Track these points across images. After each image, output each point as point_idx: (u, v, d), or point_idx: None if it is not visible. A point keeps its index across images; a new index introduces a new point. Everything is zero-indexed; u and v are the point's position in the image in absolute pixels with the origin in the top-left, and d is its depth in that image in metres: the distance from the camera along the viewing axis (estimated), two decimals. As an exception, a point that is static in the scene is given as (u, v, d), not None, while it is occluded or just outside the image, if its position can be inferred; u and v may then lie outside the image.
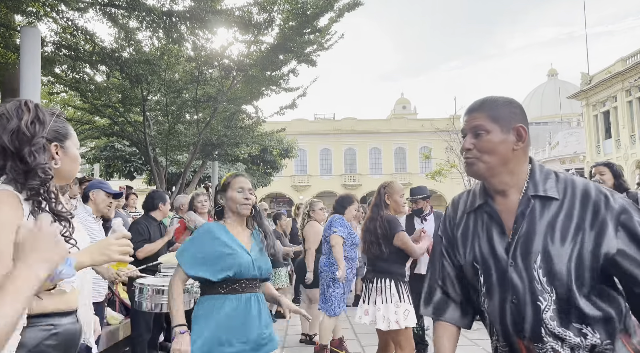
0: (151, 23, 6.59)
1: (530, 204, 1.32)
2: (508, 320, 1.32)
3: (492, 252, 1.36)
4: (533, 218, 1.31)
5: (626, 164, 24.60)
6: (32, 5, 6.27)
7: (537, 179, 1.34)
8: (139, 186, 14.77)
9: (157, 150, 10.50)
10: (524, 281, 1.29)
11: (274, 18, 7.64)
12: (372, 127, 44.16)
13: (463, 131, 1.41)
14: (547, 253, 1.27)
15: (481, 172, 1.36)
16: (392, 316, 3.48)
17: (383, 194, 3.73)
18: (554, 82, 55.36)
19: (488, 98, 1.40)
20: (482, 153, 1.34)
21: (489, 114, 1.35)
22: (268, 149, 15.00)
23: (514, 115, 1.36)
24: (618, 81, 24.95)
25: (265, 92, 9.50)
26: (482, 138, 1.34)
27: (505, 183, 1.36)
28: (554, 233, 1.28)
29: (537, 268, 1.28)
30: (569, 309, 1.26)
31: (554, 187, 1.32)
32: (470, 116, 1.38)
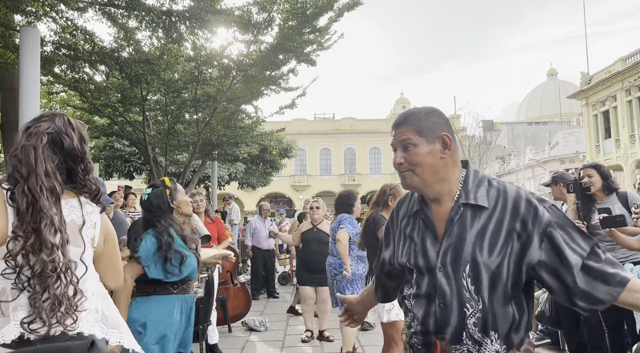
0: (151, 23, 6.58)
1: (460, 211, 1.37)
2: (431, 321, 1.37)
3: (424, 256, 1.41)
4: (464, 226, 1.36)
5: (626, 164, 24.60)
6: (31, 5, 6.26)
7: (469, 187, 1.39)
8: (139, 186, 14.77)
9: (157, 150, 10.50)
10: (452, 287, 1.34)
11: (274, 18, 7.64)
12: (371, 127, 44.17)
13: (392, 146, 1.46)
14: (476, 263, 1.32)
15: (415, 184, 1.42)
16: (380, 309, 3.54)
17: (388, 195, 3.79)
18: (553, 82, 55.34)
19: (411, 111, 1.45)
20: (413, 165, 1.39)
21: (414, 127, 1.40)
22: (268, 149, 14.99)
23: (437, 125, 1.41)
24: (618, 81, 24.95)
25: (265, 92, 9.49)
26: (410, 151, 1.39)
27: (437, 191, 1.41)
28: (483, 242, 1.32)
29: (467, 276, 1.33)
30: (490, 317, 1.31)
31: (484, 195, 1.37)
32: (397, 131, 1.43)
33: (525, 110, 57.26)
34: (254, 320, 6.00)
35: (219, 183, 14.12)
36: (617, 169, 24.65)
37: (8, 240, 1.40)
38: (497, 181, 1.41)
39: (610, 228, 3.18)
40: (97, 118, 11.31)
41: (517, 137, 43.87)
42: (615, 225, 3.17)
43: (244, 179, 16.21)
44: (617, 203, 3.62)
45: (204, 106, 9.43)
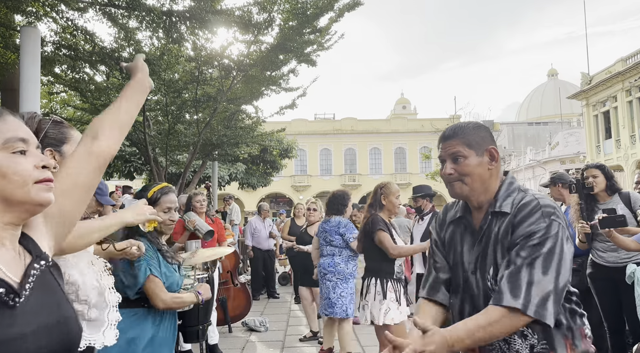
0: (151, 23, 6.58)
1: (488, 219, 1.50)
2: (465, 318, 1.47)
3: (461, 259, 1.55)
4: (490, 232, 1.49)
5: (626, 164, 24.58)
6: (32, 5, 6.26)
7: (499, 196, 1.50)
8: (139, 186, 14.76)
9: (157, 150, 10.49)
10: (479, 288, 1.48)
11: (274, 18, 7.63)
12: (372, 127, 44.16)
13: (441, 158, 1.56)
14: (497, 265, 1.44)
15: (465, 193, 1.52)
16: (376, 311, 3.53)
17: (379, 194, 3.78)
18: (554, 82, 55.32)
19: (459, 125, 1.56)
20: (463, 175, 1.50)
21: (463, 140, 1.51)
22: (268, 149, 14.98)
23: (485, 139, 1.53)
24: (618, 81, 24.94)
25: (265, 92, 9.49)
26: (461, 162, 1.50)
27: (481, 200, 1.53)
28: (503, 246, 1.44)
29: (490, 278, 1.45)
30: None
31: (509, 204, 1.48)
32: (446, 144, 1.54)
33: (525, 110, 57.24)
34: (254, 320, 6.00)
35: (220, 183, 14.12)
36: (618, 169, 24.63)
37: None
38: (525, 191, 1.50)
39: (609, 228, 3.17)
40: (97, 118, 11.31)
41: (518, 137, 43.86)
42: (615, 225, 3.16)
43: (244, 180, 16.21)
44: (620, 204, 3.62)
45: (204, 106, 9.43)
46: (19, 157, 0.94)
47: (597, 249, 3.65)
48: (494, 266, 1.44)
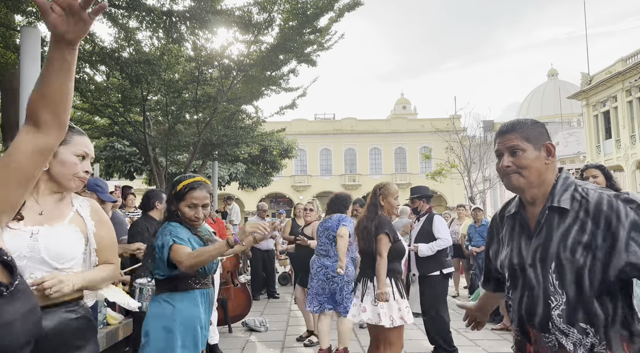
0: (151, 23, 6.59)
1: (545, 214, 1.52)
2: (523, 311, 1.54)
3: (518, 253, 1.58)
4: (551, 227, 1.51)
5: (626, 165, 24.58)
6: (32, 5, 6.26)
7: (556, 192, 1.53)
8: (139, 187, 14.77)
9: (157, 150, 10.49)
10: (539, 281, 1.50)
11: (274, 18, 7.63)
12: (372, 127, 44.15)
13: (498, 152, 1.60)
14: (560, 261, 1.46)
15: (521, 185, 1.56)
16: (396, 313, 3.52)
17: (378, 195, 3.76)
18: (554, 83, 55.33)
19: (517, 121, 1.61)
20: (521, 168, 1.54)
21: (522, 134, 1.56)
22: (268, 149, 14.97)
23: (542, 134, 1.58)
24: (618, 81, 24.93)
25: (265, 92, 9.49)
26: (519, 155, 1.54)
27: (535, 194, 1.56)
28: (567, 242, 1.45)
29: (552, 272, 1.47)
30: (576, 310, 1.43)
31: (568, 199, 1.50)
32: (504, 137, 1.59)
33: (525, 110, 57.22)
34: (254, 320, 6.00)
35: (220, 183, 14.12)
36: (618, 169, 24.63)
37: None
38: (583, 186, 1.53)
39: None
40: (97, 118, 11.31)
41: (518, 137, 43.74)
42: None
43: (244, 180, 16.21)
44: None
45: (204, 106, 9.43)
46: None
47: None
48: (556, 260, 1.46)
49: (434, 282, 4.66)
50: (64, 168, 1.64)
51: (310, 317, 5.42)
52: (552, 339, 1.46)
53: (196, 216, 2.30)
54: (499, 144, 1.60)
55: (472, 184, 25.33)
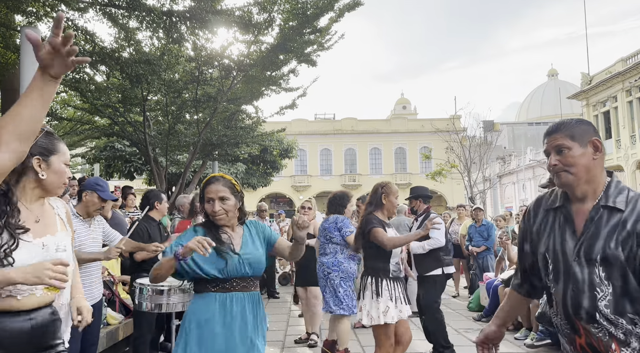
0: (151, 23, 6.59)
1: (600, 212, 1.57)
2: (569, 304, 1.58)
3: (562, 247, 1.62)
4: (599, 224, 1.56)
5: (626, 165, 24.59)
6: (32, 6, 6.27)
7: (610, 193, 1.59)
8: (139, 187, 14.76)
9: (157, 150, 10.50)
10: (584, 274, 1.55)
11: (274, 18, 7.63)
12: (372, 127, 44.16)
13: (546, 152, 1.66)
14: (606, 255, 1.51)
15: (570, 182, 1.60)
16: (374, 312, 3.52)
17: (380, 193, 3.77)
18: (554, 83, 55.33)
19: (562, 121, 1.67)
20: (568, 166, 1.59)
21: (567, 133, 1.61)
22: (268, 149, 14.98)
23: (587, 131, 1.63)
24: (618, 81, 24.95)
25: (265, 92, 9.49)
26: (565, 154, 1.60)
27: (584, 190, 1.61)
28: (612, 238, 1.52)
29: (598, 265, 1.52)
30: (623, 300, 1.49)
31: (623, 201, 1.56)
32: (550, 138, 1.65)
33: (525, 110, 57.25)
34: (254, 320, 5.98)
35: (220, 183, 14.09)
36: (618, 169, 24.64)
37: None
38: (635, 191, 1.60)
39: None
40: (97, 118, 11.32)
41: (518, 137, 43.88)
42: None
43: (244, 180, 16.21)
44: None
45: (204, 107, 9.43)
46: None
47: None
48: (602, 254, 1.51)
49: (435, 282, 4.67)
50: (57, 177, 1.72)
51: (309, 318, 5.42)
52: (602, 330, 1.51)
53: (213, 211, 2.28)
54: (546, 144, 1.66)
55: (472, 184, 25.34)
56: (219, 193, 2.30)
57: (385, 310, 3.53)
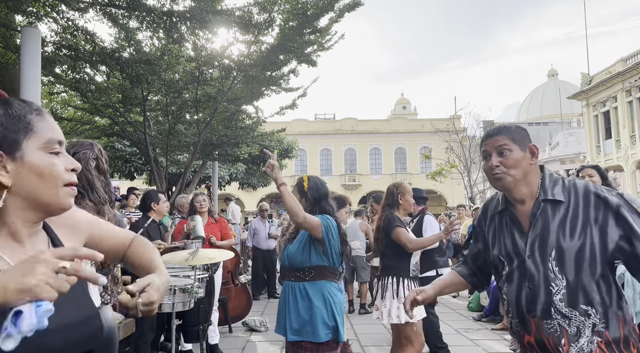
0: (151, 23, 6.58)
1: (541, 206, 1.60)
2: (523, 302, 1.60)
3: (514, 247, 1.65)
4: (546, 219, 1.59)
5: (626, 165, 24.58)
6: (32, 6, 6.26)
7: (546, 187, 1.62)
8: (139, 187, 14.75)
9: (157, 150, 10.49)
10: (539, 270, 1.57)
11: (274, 18, 7.63)
12: (372, 127, 44.15)
13: (486, 152, 1.68)
14: (560, 248, 1.54)
15: (508, 184, 1.63)
16: (394, 311, 3.59)
17: (396, 194, 3.85)
18: (554, 83, 55.32)
19: (503, 125, 1.72)
20: (509, 168, 1.62)
21: (509, 136, 1.64)
22: (268, 149, 14.96)
23: (526, 137, 1.67)
24: (618, 81, 24.94)
25: (265, 93, 9.49)
26: (506, 155, 1.62)
27: (523, 193, 1.64)
28: (565, 230, 1.55)
29: (552, 259, 1.55)
30: (576, 293, 1.51)
31: (560, 192, 1.60)
32: (491, 139, 1.67)
33: (525, 110, 57.24)
34: (254, 320, 6.00)
35: (220, 184, 14.12)
36: (618, 169, 24.64)
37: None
38: (568, 179, 1.65)
39: None
40: (97, 118, 11.32)
41: (518, 137, 43.74)
42: None
43: (244, 180, 16.21)
44: None
45: (204, 107, 9.43)
46: (54, 158, 0.94)
47: None
48: (556, 248, 1.54)
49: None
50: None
51: None
52: (554, 324, 1.53)
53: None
54: (486, 145, 1.67)
55: (472, 184, 25.35)
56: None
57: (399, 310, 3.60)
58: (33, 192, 0.91)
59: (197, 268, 3.54)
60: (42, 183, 0.92)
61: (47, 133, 0.94)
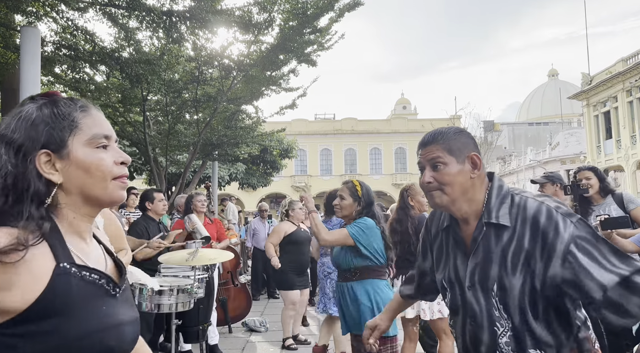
0: (151, 23, 6.57)
1: (483, 230, 1.35)
2: (467, 339, 1.40)
3: (456, 274, 1.42)
4: (488, 245, 1.34)
5: (627, 165, 24.57)
6: (32, 5, 6.25)
7: (491, 206, 1.36)
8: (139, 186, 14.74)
9: (157, 150, 10.48)
10: (481, 306, 1.35)
11: (274, 18, 7.61)
12: (372, 127, 44.16)
13: (420, 164, 1.44)
14: (502, 283, 1.30)
15: (444, 203, 1.39)
16: (435, 306, 3.69)
17: (406, 196, 3.89)
18: (554, 83, 55.32)
19: (439, 130, 1.43)
20: (443, 184, 1.37)
21: (444, 146, 1.38)
22: (268, 149, 14.96)
23: (466, 145, 1.40)
24: (619, 81, 24.94)
25: (265, 92, 9.48)
26: (440, 170, 1.37)
27: (464, 211, 1.39)
28: (507, 262, 1.30)
29: (495, 295, 1.32)
30: (524, 335, 1.29)
31: (506, 214, 1.33)
32: (425, 149, 1.41)
33: (526, 110, 57.25)
34: (254, 320, 5.99)
35: (220, 184, 14.11)
36: (618, 169, 24.64)
37: None
38: (520, 195, 1.37)
39: (612, 229, 3.15)
40: (97, 118, 11.30)
41: (518, 137, 43.90)
42: (618, 226, 3.14)
43: (244, 180, 16.20)
44: (613, 205, 3.62)
45: (204, 106, 9.42)
46: (101, 152, 0.96)
47: None
48: (498, 283, 1.30)
49: None
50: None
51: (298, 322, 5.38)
52: None
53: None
54: (420, 156, 1.43)
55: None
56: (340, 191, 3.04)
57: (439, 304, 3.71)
58: (83, 188, 0.94)
59: (196, 268, 3.53)
60: (89, 178, 0.94)
61: (91, 128, 0.96)
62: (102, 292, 0.92)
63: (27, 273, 0.82)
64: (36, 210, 0.87)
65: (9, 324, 0.81)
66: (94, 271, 0.92)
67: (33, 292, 0.82)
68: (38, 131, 0.91)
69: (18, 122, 0.92)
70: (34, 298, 0.82)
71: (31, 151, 0.90)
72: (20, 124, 0.92)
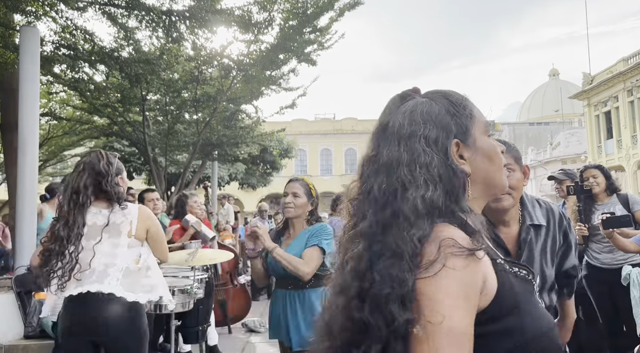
0: (150, 22, 6.56)
1: (530, 233, 1.54)
2: None
3: None
4: (531, 245, 1.54)
5: (628, 165, 24.55)
6: (31, 5, 6.24)
7: (529, 210, 1.56)
8: (138, 186, 14.72)
9: (157, 150, 10.47)
10: None
11: (274, 17, 7.60)
12: (372, 127, 44.12)
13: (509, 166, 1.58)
14: (543, 274, 1.54)
15: (509, 206, 1.52)
16: None
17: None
18: (555, 82, 55.27)
19: (503, 141, 1.54)
20: (512, 189, 1.50)
21: (512, 154, 1.53)
22: (268, 149, 14.95)
23: (521, 157, 1.60)
24: (620, 81, 24.90)
25: (265, 92, 9.46)
26: (510, 176, 1.46)
27: (512, 214, 1.56)
28: (546, 256, 1.53)
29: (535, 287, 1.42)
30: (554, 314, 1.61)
31: (542, 216, 1.57)
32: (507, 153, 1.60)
33: (526, 110, 57.22)
34: (253, 321, 5.97)
35: (219, 184, 14.10)
36: (619, 169, 24.61)
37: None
38: (542, 201, 1.62)
39: (614, 228, 3.12)
40: (96, 118, 11.29)
41: (519, 137, 43.82)
42: (620, 225, 3.12)
43: (244, 180, 16.19)
44: (618, 205, 3.59)
45: (204, 106, 9.41)
46: (492, 140, 0.95)
47: (593, 250, 3.62)
48: (540, 274, 1.53)
49: None
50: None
51: None
52: None
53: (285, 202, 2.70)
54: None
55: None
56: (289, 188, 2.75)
57: None
58: (487, 176, 0.92)
59: (196, 268, 3.51)
60: (492, 166, 0.93)
61: (481, 117, 0.96)
62: (532, 288, 0.89)
63: (487, 267, 0.80)
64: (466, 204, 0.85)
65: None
66: (522, 266, 0.88)
67: (493, 288, 0.79)
68: (447, 121, 0.89)
69: (422, 116, 0.89)
70: (493, 294, 0.79)
71: (445, 143, 0.87)
72: (425, 117, 0.89)
